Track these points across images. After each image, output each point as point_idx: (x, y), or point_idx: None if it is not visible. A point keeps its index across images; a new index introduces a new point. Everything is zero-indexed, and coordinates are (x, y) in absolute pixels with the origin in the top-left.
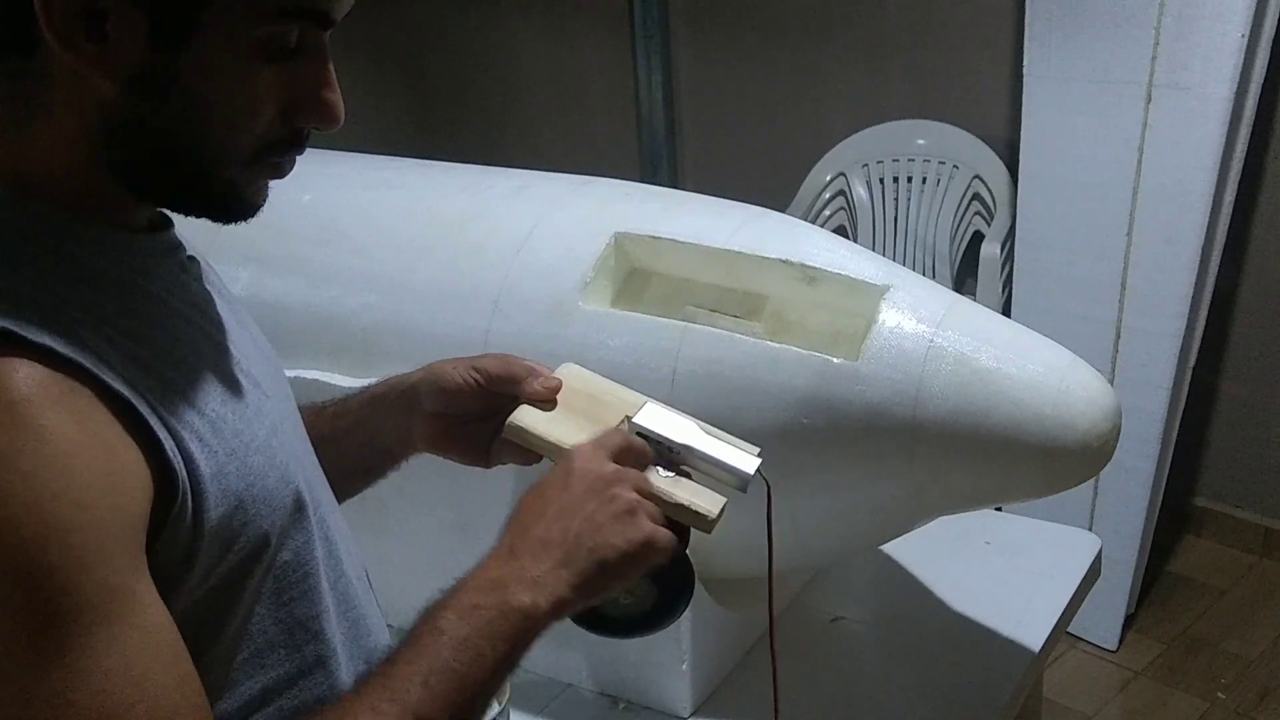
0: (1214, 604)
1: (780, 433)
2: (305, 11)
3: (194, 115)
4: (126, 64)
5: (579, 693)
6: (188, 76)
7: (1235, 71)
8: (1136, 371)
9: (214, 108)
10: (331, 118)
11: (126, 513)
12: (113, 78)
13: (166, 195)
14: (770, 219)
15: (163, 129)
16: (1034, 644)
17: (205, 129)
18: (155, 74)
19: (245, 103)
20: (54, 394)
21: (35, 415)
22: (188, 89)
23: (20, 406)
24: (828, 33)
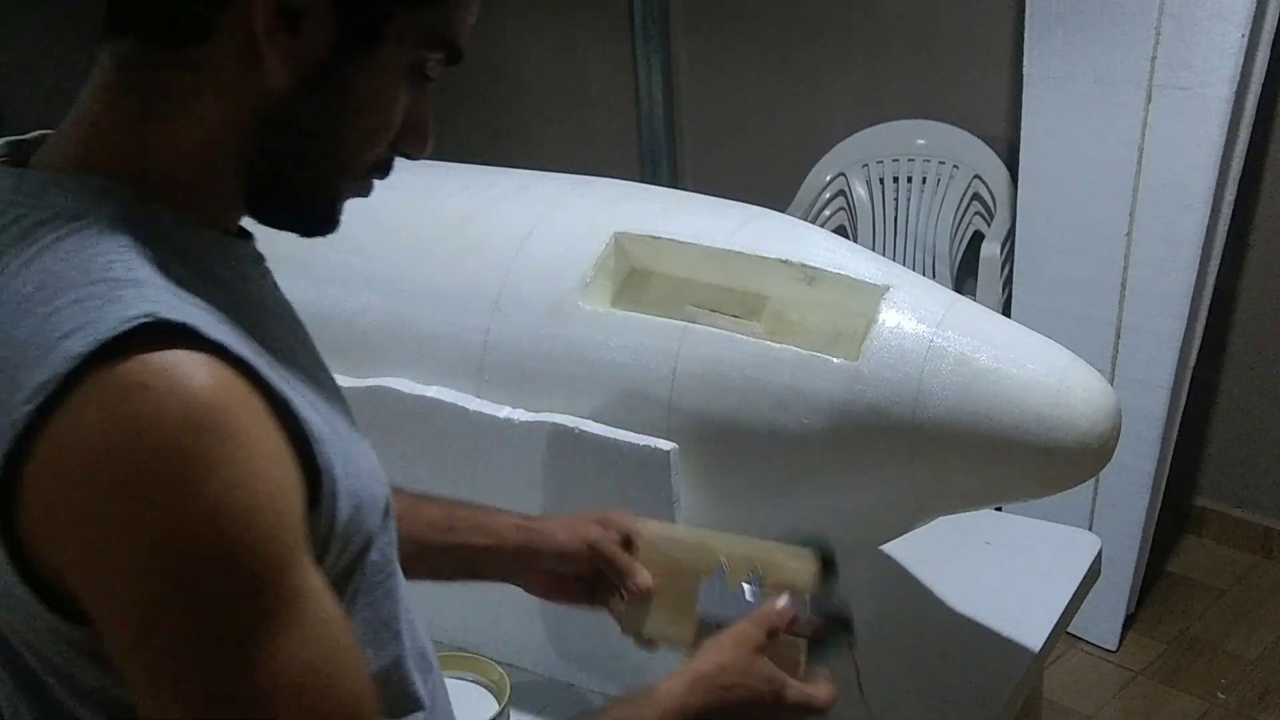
0: (1214, 604)
1: (780, 433)
2: (450, 44)
3: (343, 122)
4: (309, 62)
5: (579, 693)
6: (353, 84)
7: (1235, 71)
8: (1136, 371)
9: (361, 118)
10: (426, 148)
11: (300, 513)
12: (293, 73)
13: (274, 200)
14: (770, 219)
15: (312, 130)
16: (1034, 644)
17: (346, 137)
18: (328, 77)
19: (384, 119)
20: (239, 395)
21: (230, 420)
22: (348, 96)
23: (218, 411)
24: (828, 33)
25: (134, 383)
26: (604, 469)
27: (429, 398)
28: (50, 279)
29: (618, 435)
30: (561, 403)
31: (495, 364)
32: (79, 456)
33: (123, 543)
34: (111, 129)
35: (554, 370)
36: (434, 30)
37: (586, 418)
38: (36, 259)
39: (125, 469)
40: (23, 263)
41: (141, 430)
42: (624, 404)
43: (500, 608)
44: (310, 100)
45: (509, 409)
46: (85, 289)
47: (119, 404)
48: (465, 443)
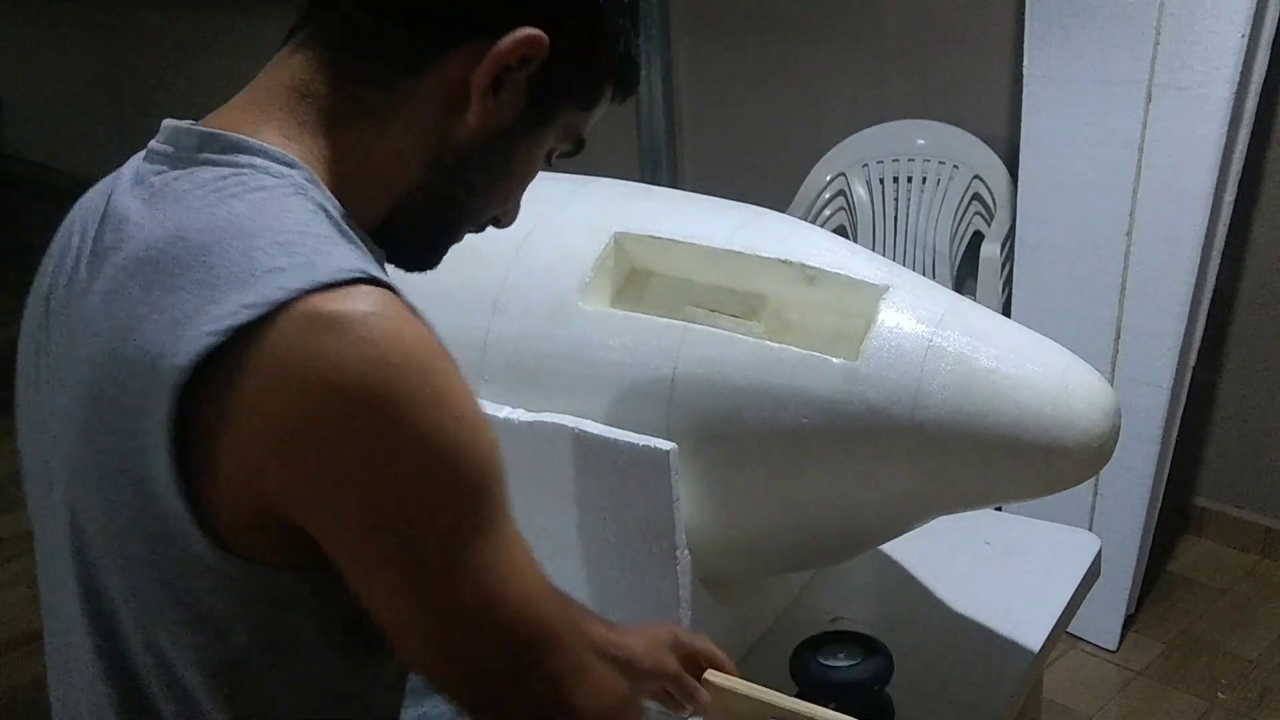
0: (1214, 604)
1: (780, 433)
2: (580, 141)
3: (496, 181)
4: (495, 123)
5: None
6: (516, 153)
7: (1235, 71)
8: (1136, 371)
9: (508, 181)
10: (513, 221)
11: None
12: (482, 127)
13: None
14: (770, 219)
15: (474, 181)
16: (1034, 644)
17: (493, 194)
18: (501, 140)
19: (520, 187)
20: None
21: (449, 355)
22: (510, 161)
23: (440, 344)
24: (828, 33)
25: (364, 311)
26: (604, 469)
27: None
28: (245, 221)
29: (618, 435)
30: (561, 403)
31: (495, 364)
32: (319, 378)
33: (385, 463)
34: (298, 123)
35: (554, 370)
36: (576, 126)
37: (586, 418)
38: (224, 203)
39: (381, 387)
40: (209, 203)
41: (384, 351)
42: (624, 404)
43: None
44: (483, 154)
45: (509, 409)
46: (287, 235)
47: (355, 327)
48: None
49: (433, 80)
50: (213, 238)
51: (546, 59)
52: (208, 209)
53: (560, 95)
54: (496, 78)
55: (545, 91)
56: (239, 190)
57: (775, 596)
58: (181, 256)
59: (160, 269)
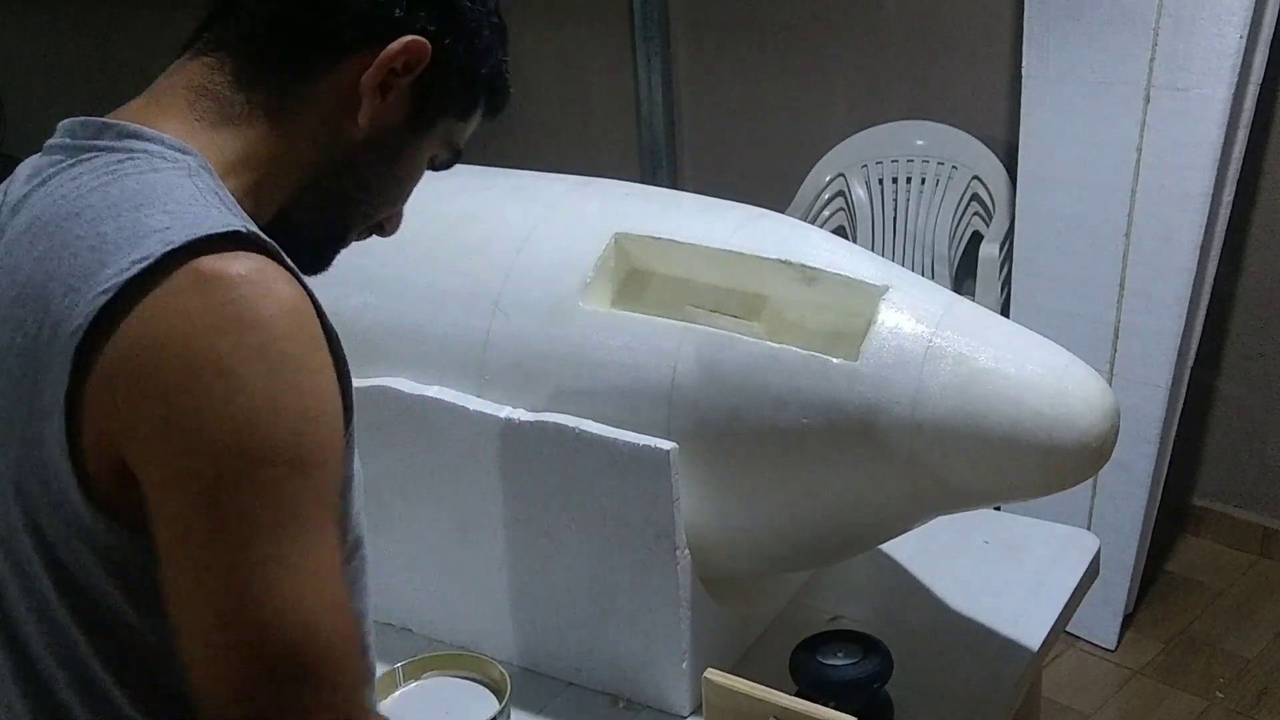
0: (1212, 603)
1: (780, 433)
2: (458, 150)
3: (384, 181)
4: (382, 125)
5: (579, 692)
6: (402, 155)
7: (1233, 73)
8: (1135, 371)
9: (395, 183)
10: (395, 231)
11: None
12: (372, 127)
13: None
14: (769, 219)
15: (362, 179)
16: (1033, 643)
17: (380, 194)
18: (389, 141)
19: (406, 190)
20: (313, 313)
21: (313, 328)
22: (397, 162)
23: (305, 315)
24: (827, 33)
25: (237, 273)
26: (604, 469)
27: (429, 398)
28: (138, 195)
29: (618, 435)
30: (561, 403)
31: (495, 364)
32: (177, 332)
33: (211, 415)
34: (195, 119)
35: (554, 370)
36: (454, 135)
37: (586, 418)
38: (119, 180)
39: (226, 345)
40: (104, 182)
41: (245, 313)
42: (624, 404)
43: (501, 608)
44: (372, 155)
45: (509, 409)
46: (176, 204)
47: (224, 288)
48: (465, 443)
49: (326, 84)
50: (106, 210)
51: (429, 68)
52: (101, 187)
53: (440, 103)
54: (384, 81)
55: (427, 98)
56: (133, 171)
57: (775, 596)
58: (72, 227)
59: (56, 241)
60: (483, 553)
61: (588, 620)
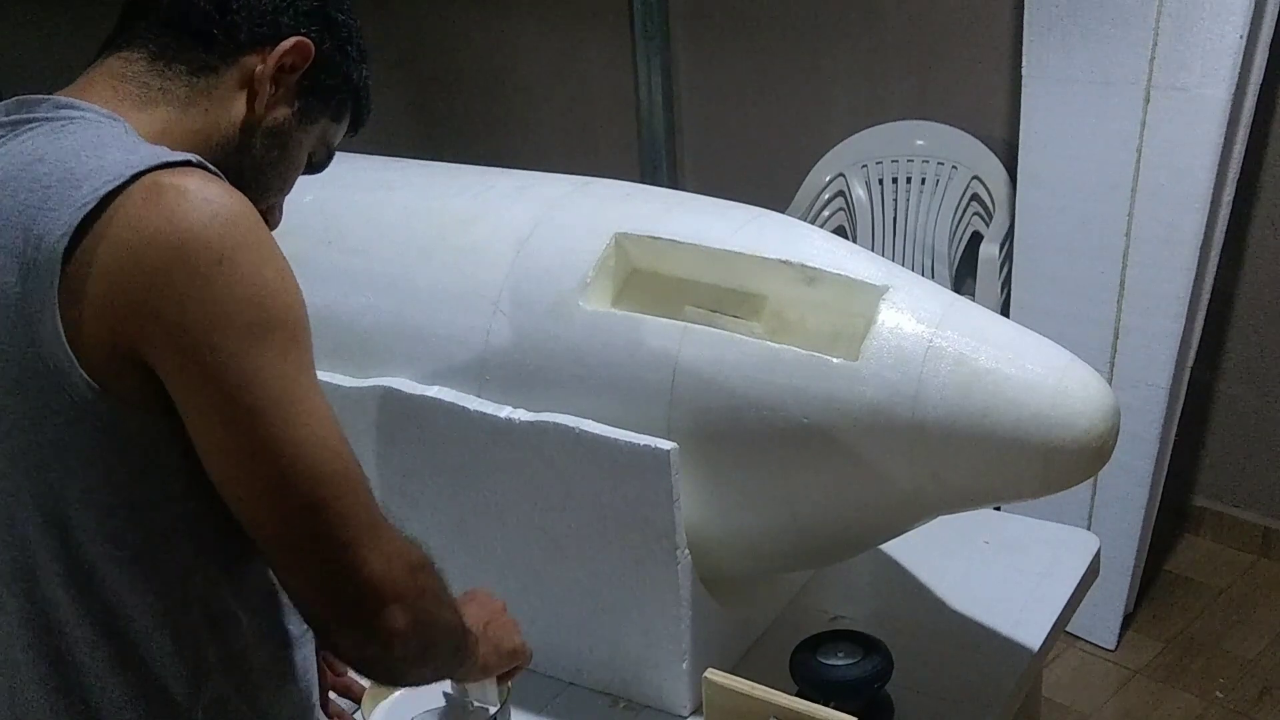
0: (1212, 603)
1: (780, 433)
2: (330, 150)
3: (272, 167)
4: (274, 115)
5: (579, 692)
6: (290, 141)
7: (1233, 72)
8: (1135, 371)
9: (281, 170)
10: (277, 225)
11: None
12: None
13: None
14: (770, 219)
15: (254, 160)
16: (1033, 643)
17: (267, 179)
18: (279, 130)
19: (289, 179)
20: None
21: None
22: (285, 147)
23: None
24: (828, 33)
25: (199, 183)
26: (604, 469)
27: (429, 398)
28: (93, 142)
29: (618, 435)
30: (561, 403)
31: (496, 364)
32: (167, 230)
33: (219, 296)
34: (116, 100)
35: (554, 370)
36: (328, 135)
37: (586, 418)
38: (74, 135)
39: (214, 236)
40: (58, 138)
41: (222, 211)
42: (624, 404)
43: None
44: (264, 140)
45: (509, 409)
46: (132, 148)
47: (192, 191)
48: (465, 443)
49: (229, 76)
50: (69, 153)
51: (312, 68)
52: (56, 140)
53: (320, 100)
54: (275, 76)
55: (310, 95)
56: (79, 130)
57: (775, 596)
58: (38, 169)
59: (25, 184)
60: (482, 553)
61: (588, 620)
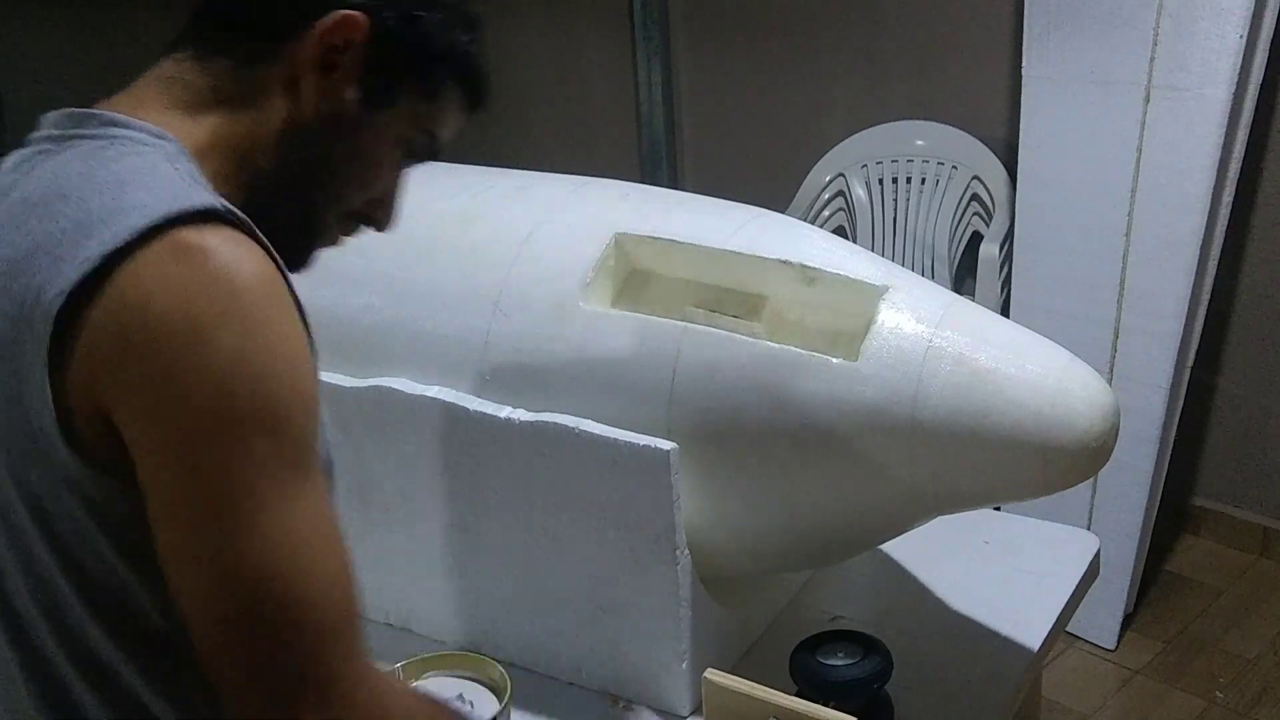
0: (1212, 603)
1: (780, 433)
2: (433, 135)
3: (345, 160)
4: (335, 104)
5: (579, 692)
6: (360, 134)
7: (1233, 73)
8: (1135, 371)
9: (358, 163)
10: (390, 224)
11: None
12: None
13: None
14: (770, 219)
15: (321, 157)
16: (1032, 643)
17: (342, 175)
18: (344, 119)
19: (373, 172)
20: (284, 284)
21: (283, 295)
22: (355, 142)
23: (275, 283)
24: (828, 33)
25: (213, 244)
26: (604, 469)
27: (429, 398)
28: (122, 175)
29: (618, 435)
30: (561, 403)
31: (496, 364)
32: (156, 298)
33: (187, 375)
34: (167, 106)
35: (554, 370)
36: (422, 116)
37: (586, 418)
38: (105, 165)
39: (200, 309)
40: (90, 167)
41: (219, 279)
42: (624, 404)
43: (500, 608)
44: (328, 134)
45: (509, 409)
46: (157, 182)
47: (200, 257)
48: (465, 443)
49: (278, 68)
50: (89, 188)
51: (374, 43)
52: (85, 169)
53: (392, 79)
54: (327, 60)
55: (377, 74)
56: (115, 156)
57: (775, 596)
58: (59, 206)
59: (40, 216)
60: (482, 553)
61: (588, 620)
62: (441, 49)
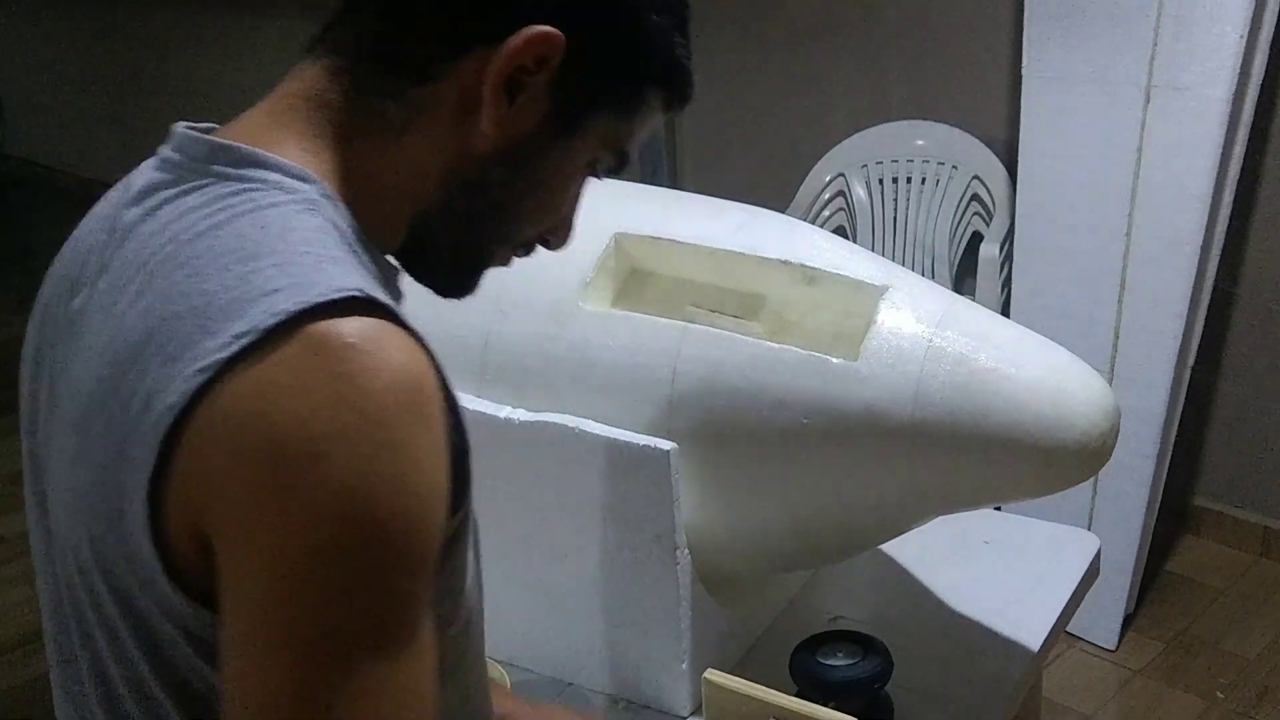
0: (1213, 603)
1: (780, 433)
2: (623, 152)
3: (526, 193)
4: (514, 132)
5: (579, 692)
6: (545, 163)
7: (1233, 73)
8: (1135, 371)
9: (541, 194)
10: (566, 242)
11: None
12: (499, 137)
13: (432, 252)
14: (770, 219)
15: (498, 197)
16: (1033, 644)
17: (524, 208)
18: (523, 151)
19: (558, 201)
20: (433, 385)
21: (427, 404)
22: (538, 171)
23: (420, 391)
24: (828, 33)
25: (346, 343)
26: (604, 469)
27: None
28: (248, 243)
29: (618, 435)
30: (561, 403)
31: (496, 364)
32: (277, 406)
33: (292, 496)
34: (314, 135)
35: (554, 370)
36: (616, 136)
37: (586, 418)
38: (231, 223)
39: (322, 423)
40: (215, 224)
41: (348, 389)
42: (624, 404)
43: (500, 607)
44: (504, 167)
45: (509, 409)
46: (287, 255)
47: (329, 360)
48: None
49: (447, 88)
50: (213, 263)
51: (570, 61)
52: (212, 230)
53: (589, 101)
54: (512, 81)
55: (570, 96)
56: (248, 208)
57: (775, 596)
58: (181, 284)
59: (160, 294)
60: (482, 552)
61: (588, 620)
62: (654, 61)
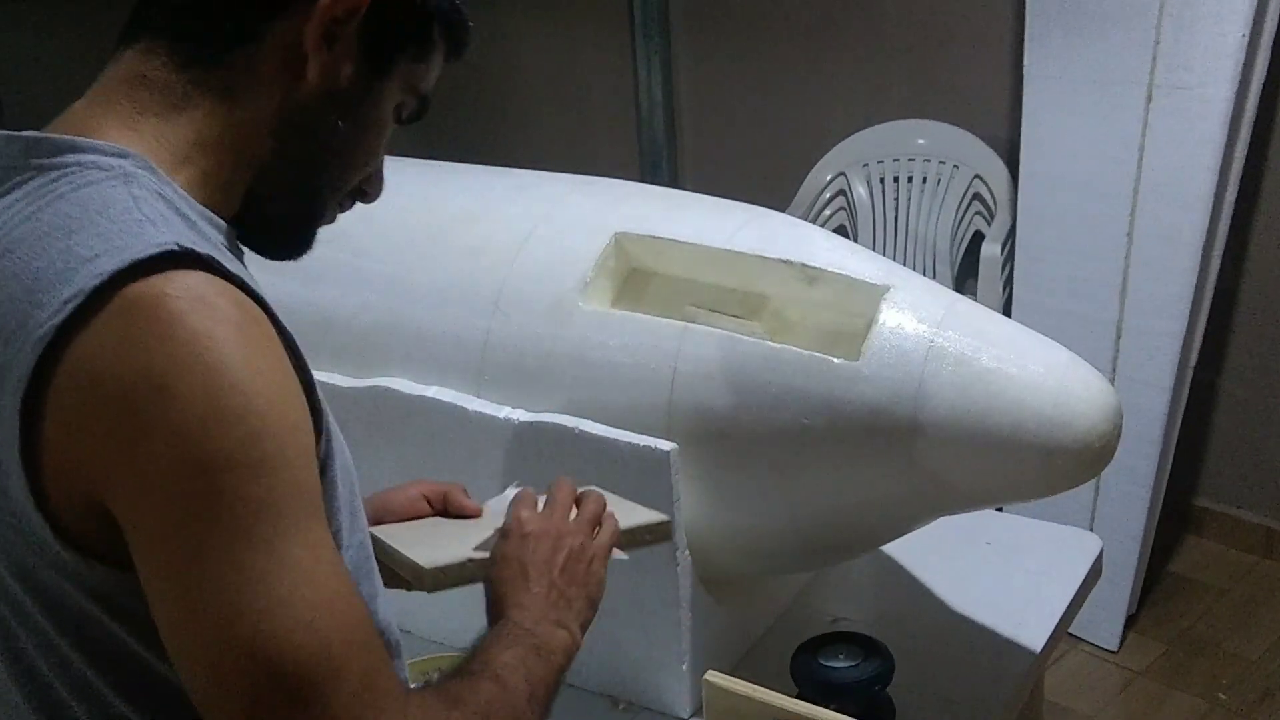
0: (1215, 604)
1: (780, 433)
2: (423, 96)
3: (350, 138)
4: (335, 78)
5: (579, 693)
6: (362, 106)
7: (1235, 72)
8: (1137, 371)
9: (363, 137)
10: (380, 193)
11: (312, 443)
12: (325, 84)
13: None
14: (770, 219)
15: (324, 140)
16: (1035, 645)
17: (346, 154)
18: (346, 95)
19: (376, 144)
20: (257, 318)
21: (254, 332)
22: (358, 116)
23: (244, 324)
24: (827, 33)
25: (167, 293)
26: (604, 469)
27: (429, 398)
28: (69, 220)
29: (618, 435)
30: (561, 403)
31: (495, 364)
32: (113, 362)
33: (154, 433)
34: (139, 113)
35: (554, 370)
36: (418, 80)
37: (586, 418)
38: (52, 205)
39: (158, 363)
40: (37, 209)
41: (177, 330)
42: (624, 404)
43: None
44: (331, 112)
45: (509, 409)
46: (108, 224)
47: (151, 311)
48: (465, 443)
49: (267, 48)
50: (37, 244)
51: (372, 10)
52: (34, 215)
53: (392, 45)
54: (328, 32)
55: (377, 42)
56: (66, 190)
57: (775, 597)
58: (10, 268)
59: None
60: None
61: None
62: (436, 5)
